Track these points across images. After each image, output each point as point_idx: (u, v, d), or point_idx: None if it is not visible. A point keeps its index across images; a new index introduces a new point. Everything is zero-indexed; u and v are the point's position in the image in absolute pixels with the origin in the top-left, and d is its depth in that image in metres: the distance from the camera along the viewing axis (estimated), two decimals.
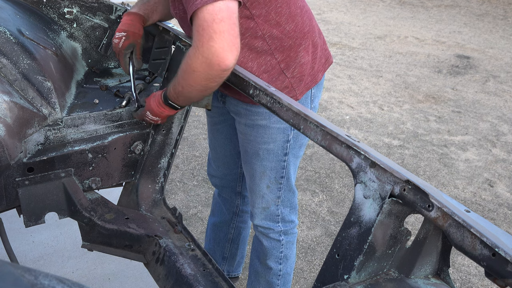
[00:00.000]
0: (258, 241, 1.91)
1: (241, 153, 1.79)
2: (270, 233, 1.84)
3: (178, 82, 1.40)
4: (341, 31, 6.91)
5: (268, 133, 1.66)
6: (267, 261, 1.91)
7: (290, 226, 1.86)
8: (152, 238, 1.56)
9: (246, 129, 1.70)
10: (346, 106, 4.48)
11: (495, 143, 3.98)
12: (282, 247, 1.88)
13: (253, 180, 1.76)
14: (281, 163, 1.71)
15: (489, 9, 8.51)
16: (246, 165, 1.77)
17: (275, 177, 1.73)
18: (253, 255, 1.97)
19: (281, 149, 1.69)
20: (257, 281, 1.98)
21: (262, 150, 1.69)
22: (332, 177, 3.35)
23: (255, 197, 1.79)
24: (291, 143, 1.69)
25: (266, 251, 1.89)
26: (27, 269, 0.46)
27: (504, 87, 5.16)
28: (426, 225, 1.04)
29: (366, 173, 1.07)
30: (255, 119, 1.66)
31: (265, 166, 1.71)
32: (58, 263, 2.41)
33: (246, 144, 1.72)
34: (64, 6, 1.84)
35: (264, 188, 1.75)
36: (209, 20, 1.21)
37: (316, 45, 1.66)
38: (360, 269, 1.06)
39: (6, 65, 1.44)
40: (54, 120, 1.52)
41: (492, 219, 3.01)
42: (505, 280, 0.84)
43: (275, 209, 1.79)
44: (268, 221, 1.82)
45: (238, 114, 1.71)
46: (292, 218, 1.86)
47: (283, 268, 1.93)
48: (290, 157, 1.71)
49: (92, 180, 1.62)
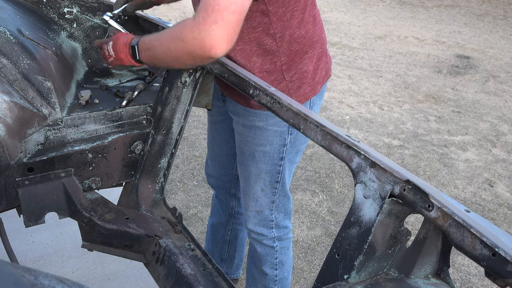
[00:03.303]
0: (252, 247, 1.89)
1: (237, 154, 1.77)
2: (264, 239, 1.82)
3: (159, 38, 1.36)
4: (341, 31, 6.91)
5: (265, 135, 1.65)
6: (263, 267, 1.89)
7: (284, 231, 1.84)
8: (152, 238, 1.56)
9: (244, 130, 1.69)
10: (346, 106, 4.48)
11: (495, 143, 3.98)
12: (277, 253, 1.86)
13: (248, 182, 1.75)
14: (277, 167, 1.70)
15: (489, 9, 8.51)
16: (242, 167, 1.76)
17: (270, 181, 1.72)
18: (249, 260, 1.96)
19: (278, 153, 1.68)
20: (254, 286, 1.97)
21: (258, 152, 1.68)
22: (332, 177, 3.35)
23: (249, 200, 1.77)
24: (287, 147, 1.68)
25: (260, 257, 1.87)
26: (27, 269, 0.46)
27: (504, 87, 5.17)
28: (426, 225, 1.04)
29: (366, 173, 1.07)
30: (252, 120, 1.66)
31: (261, 168, 1.70)
32: (58, 263, 2.41)
33: (243, 145, 1.71)
34: (64, 6, 1.84)
35: (259, 191, 1.73)
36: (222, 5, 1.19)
37: (321, 58, 1.65)
38: (360, 269, 1.06)
39: (6, 65, 1.44)
40: (54, 120, 1.52)
41: (492, 219, 3.01)
42: (505, 280, 0.84)
43: (269, 214, 1.77)
44: (261, 227, 1.80)
45: (237, 114, 1.70)
46: (286, 224, 1.84)
47: (279, 274, 1.91)
48: (286, 162, 1.70)
49: (92, 180, 1.62)
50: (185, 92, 1.64)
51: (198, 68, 1.62)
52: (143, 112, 1.69)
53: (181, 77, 1.63)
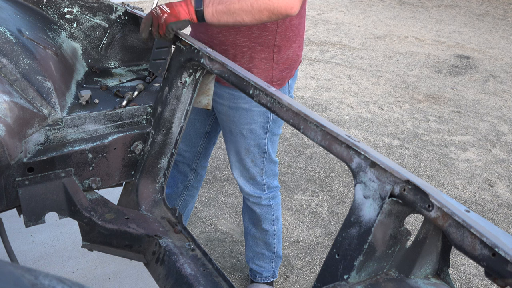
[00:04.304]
0: (250, 210, 2.13)
1: (224, 133, 1.97)
2: (261, 201, 2.08)
3: None
4: (341, 31, 6.91)
5: (250, 115, 1.86)
6: (263, 226, 2.16)
7: (275, 190, 2.11)
8: (152, 238, 1.57)
9: (229, 111, 1.87)
10: (346, 106, 4.48)
11: (495, 143, 3.98)
12: (273, 210, 2.13)
13: (239, 156, 1.97)
14: (263, 140, 1.93)
15: (489, 9, 8.52)
16: (231, 144, 1.96)
17: (258, 153, 1.95)
18: (248, 223, 2.21)
19: (263, 129, 1.90)
20: (256, 245, 2.24)
21: (246, 130, 1.89)
22: (332, 177, 3.35)
23: (241, 171, 2.01)
24: (270, 124, 1.90)
25: (260, 217, 2.13)
26: (27, 269, 0.46)
27: (504, 87, 5.17)
28: (426, 225, 1.04)
29: (366, 173, 1.07)
30: (238, 103, 1.84)
31: (249, 143, 1.92)
32: (58, 263, 2.41)
33: (230, 124, 1.91)
34: (64, 6, 1.84)
35: (249, 162, 1.97)
36: None
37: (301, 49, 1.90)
38: (360, 269, 1.06)
39: (6, 65, 1.44)
40: (54, 120, 1.52)
41: (492, 219, 3.01)
42: (505, 280, 0.84)
43: (260, 180, 2.03)
44: (256, 190, 2.05)
45: (221, 96, 1.86)
46: (275, 184, 2.10)
47: (276, 228, 2.20)
48: (270, 135, 1.93)
49: (92, 180, 1.63)
50: (185, 92, 1.64)
51: (198, 68, 1.62)
52: (143, 112, 1.69)
53: (181, 77, 1.63)
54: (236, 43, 1.76)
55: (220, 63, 1.46)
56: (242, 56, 1.78)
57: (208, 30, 1.78)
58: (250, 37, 1.74)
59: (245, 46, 1.76)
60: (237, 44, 1.76)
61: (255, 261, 2.29)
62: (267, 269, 2.30)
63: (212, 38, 1.79)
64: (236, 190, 3.11)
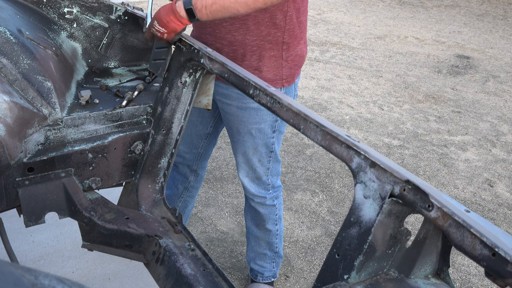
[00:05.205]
0: (253, 210, 2.12)
1: (231, 134, 1.95)
2: (266, 201, 2.07)
3: None
4: (341, 31, 6.91)
5: (260, 115, 1.85)
6: (266, 226, 2.15)
7: (278, 190, 2.11)
8: (152, 238, 1.56)
9: (238, 111, 1.86)
10: (346, 106, 4.48)
11: (495, 143, 3.98)
12: (277, 210, 2.13)
13: (246, 156, 1.96)
14: (271, 139, 1.93)
15: (489, 9, 8.52)
16: (238, 144, 1.95)
17: (265, 152, 1.95)
18: (250, 224, 2.20)
19: (271, 128, 1.90)
20: (258, 245, 2.23)
21: (255, 130, 1.88)
22: (332, 177, 3.35)
23: (247, 171, 1.99)
24: (278, 122, 1.90)
25: (263, 217, 2.12)
26: (27, 269, 0.46)
27: (504, 87, 5.17)
28: (426, 225, 1.04)
29: (366, 173, 1.07)
30: (247, 102, 1.83)
31: (257, 143, 1.92)
32: (58, 263, 2.41)
33: (238, 125, 1.90)
34: (64, 6, 1.84)
35: (256, 162, 1.96)
36: None
37: (306, 47, 1.91)
38: (360, 269, 1.06)
39: (6, 65, 1.44)
40: (54, 120, 1.52)
41: (492, 219, 3.02)
42: (505, 280, 0.84)
43: (266, 179, 2.02)
44: (261, 190, 2.04)
45: (229, 97, 1.85)
46: (279, 183, 2.10)
47: (279, 228, 2.20)
48: (277, 133, 1.93)
49: (92, 180, 1.63)
50: (185, 92, 1.64)
51: (198, 68, 1.62)
52: (143, 112, 1.69)
53: (181, 77, 1.63)
54: (245, 42, 1.75)
55: (220, 63, 1.46)
56: (252, 55, 1.77)
57: (216, 31, 1.77)
58: (259, 36, 1.74)
59: (255, 45, 1.75)
60: (247, 44, 1.75)
61: (256, 261, 2.29)
62: (268, 269, 2.30)
63: (220, 39, 1.77)
64: (236, 190, 3.12)
